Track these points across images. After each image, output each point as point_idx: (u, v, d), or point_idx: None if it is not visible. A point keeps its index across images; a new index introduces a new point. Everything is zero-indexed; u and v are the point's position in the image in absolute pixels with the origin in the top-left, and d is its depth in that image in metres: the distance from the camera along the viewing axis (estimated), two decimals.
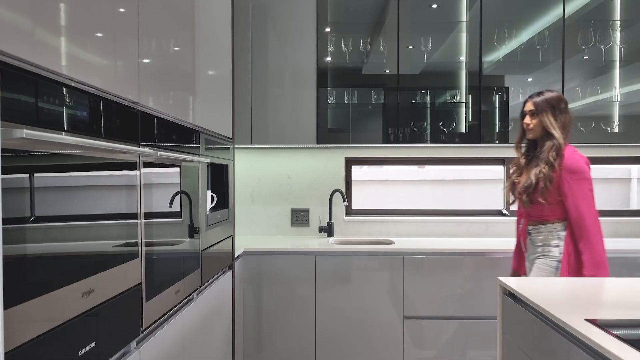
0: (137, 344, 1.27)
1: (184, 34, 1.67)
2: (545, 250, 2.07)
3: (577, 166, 2.03)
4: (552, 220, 2.07)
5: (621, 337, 1.11)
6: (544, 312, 1.37)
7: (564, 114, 2.11)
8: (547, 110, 2.09)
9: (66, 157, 0.92)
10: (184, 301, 1.67)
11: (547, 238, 2.07)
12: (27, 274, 0.80)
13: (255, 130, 2.91)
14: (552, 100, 2.11)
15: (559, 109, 2.10)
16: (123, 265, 1.16)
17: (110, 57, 1.11)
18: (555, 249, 2.05)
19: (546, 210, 2.06)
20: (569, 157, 2.04)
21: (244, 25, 2.89)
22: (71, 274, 0.93)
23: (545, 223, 2.08)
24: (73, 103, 0.95)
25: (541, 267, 2.07)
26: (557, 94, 2.15)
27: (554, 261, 2.05)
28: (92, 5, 1.03)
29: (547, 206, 2.05)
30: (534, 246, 2.12)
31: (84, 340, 0.97)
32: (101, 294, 1.04)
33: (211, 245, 2.00)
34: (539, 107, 2.11)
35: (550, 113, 2.09)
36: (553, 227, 2.07)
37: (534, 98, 2.14)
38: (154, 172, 1.35)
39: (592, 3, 2.91)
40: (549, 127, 2.08)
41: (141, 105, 1.26)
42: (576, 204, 2.01)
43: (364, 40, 2.99)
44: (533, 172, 2.06)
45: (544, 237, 2.09)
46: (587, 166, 2.07)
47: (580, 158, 2.06)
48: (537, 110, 2.11)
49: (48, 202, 0.89)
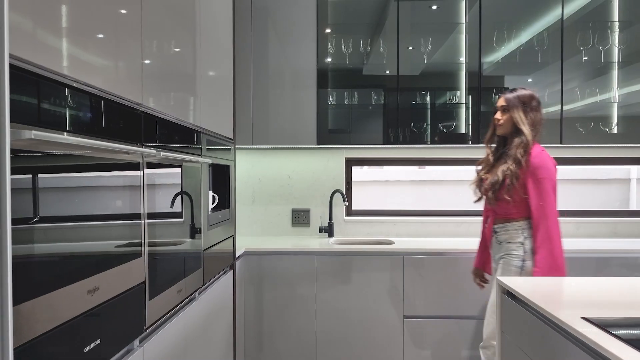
0: (140, 342, 1.29)
1: (185, 35, 1.68)
2: (510, 249, 2.07)
3: (543, 165, 2.02)
4: (517, 219, 2.07)
5: (617, 335, 1.12)
6: (542, 310, 1.39)
7: (534, 111, 2.10)
8: (518, 106, 2.09)
9: (70, 157, 0.94)
10: (185, 300, 1.68)
11: (512, 237, 2.07)
12: (35, 272, 0.82)
13: (256, 130, 2.93)
14: (524, 98, 2.11)
15: (530, 106, 2.10)
16: (127, 264, 1.17)
17: (114, 59, 1.13)
18: (520, 248, 2.05)
19: (512, 208, 2.06)
20: (536, 156, 2.03)
21: (245, 26, 2.91)
22: (77, 272, 0.95)
23: (511, 221, 2.08)
24: (78, 104, 0.96)
25: (505, 267, 2.06)
26: (530, 92, 2.14)
27: (518, 260, 2.05)
28: (96, 9, 1.04)
29: (512, 204, 2.05)
30: (499, 245, 2.12)
31: (90, 338, 0.99)
32: (106, 292, 1.06)
33: (213, 245, 2.01)
34: (510, 102, 2.11)
35: (521, 109, 2.09)
36: (519, 225, 2.07)
37: (506, 94, 2.15)
38: (156, 172, 1.37)
39: (590, 4, 2.93)
40: (519, 123, 2.07)
41: (144, 107, 1.28)
42: (539, 203, 2.00)
43: (364, 42, 3.01)
44: (500, 169, 2.06)
45: (508, 235, 2.08)
46: (553, 167, 2.06)
47: (547, 158, 2.05)
48: (508, 106, 2.11)
49: (53, 202, 0.90)
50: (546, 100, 2.93)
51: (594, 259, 2.66)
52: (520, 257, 2.05)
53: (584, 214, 3.22)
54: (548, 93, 2.93)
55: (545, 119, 2.18)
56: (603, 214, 3.22)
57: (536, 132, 2.10)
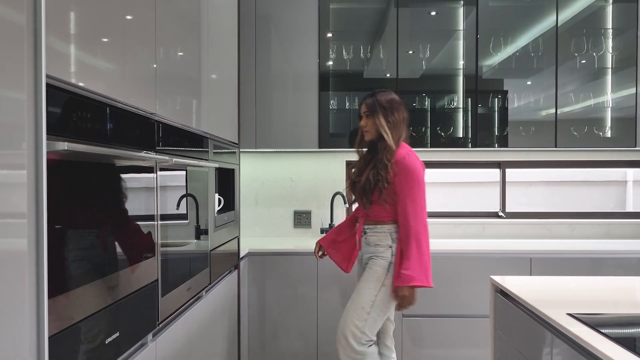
0: (153, 336, 1.37)
1: (193, 45, 1.77)
2: (378, 251, 2.08)
3: (411, 168, 2.02)
4: (386, 222, 2.08)
5: (599, 329, 1.21)
6: (530, 307, 1.48)
7: (396, 112, 2.09)
8: (378, 111, 2.08)
9: (93, 164, 1.03)
10: (194, 298, 1.77)
11: (381, 239, 2.09)
12: (66, 268, 0.91)
13: (259, 134, 3.02)
14: (383, 101, 2.09)
15: (390, 109, 2.08)
16: (142, 262, 1.26)
17: (132, 73, 1.22)
18: (388, 250, 2.07)
19: (382, 211, 2.08)
20: (403, 159, 2.03)
21: (249, 32, 2.99)
22: (100, 269, 1.04)
23: (381, 224, 2.09)
24: (102, 116, 1.05)
25: (373, 267, 2.08)
26: (389, 94, 2.13)
27: (385, 262, 2.06)
28: (120, 36, 1.13)
29: (382, 207, 2.06)
30: (368, 246, 2.13)
31: (110, 330, 1.08)
32: (124, 289, 1.15)
33: (219, 245, 2.10)
34: (371, 108, 2.10)
35: (382, 114, 2.07)
36: (388, 228, 2.08)
37: (367, 99, 2.13)
38: (167, 175, 1.46)
39: (584, 12, 3.01)
40: (380, 129, 2.06)
41: (158, 115, 1.37)
42: (406, 205, 2.01)
43: (365, 48, 3.10)
44: (371, 173, 2.05)
45: (377, 237, 2.10)
46: (422, 169, 2.07)
47: (415, 160, 2.05)
48: (369, 112, 2.10)
49: (80, 205, 0.99)
50: (541, 104, 3.02)
51: (588, 260, 2.74)
52: (388, 259, 2.06)
53: (578, 216, 3.30)
54: (543, 97, 3.01)
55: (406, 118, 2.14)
56: (597, 215, 3.30)
57: (401, 132, 2.09)
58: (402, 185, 2.02)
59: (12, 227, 0.76)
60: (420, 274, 1.98)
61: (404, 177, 2.01)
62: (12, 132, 0.75)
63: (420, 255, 2.00)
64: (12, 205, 0.76)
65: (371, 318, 2.04)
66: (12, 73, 0.75)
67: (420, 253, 2.00)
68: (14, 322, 0.76)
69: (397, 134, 2.08)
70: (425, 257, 2.01)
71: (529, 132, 3.02)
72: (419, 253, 2.00)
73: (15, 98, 0.76)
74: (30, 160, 0.79)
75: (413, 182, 2.02)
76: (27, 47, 0.78)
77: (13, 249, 0.76)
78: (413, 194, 2.02)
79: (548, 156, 3.27)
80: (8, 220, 0.75)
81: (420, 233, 2.01)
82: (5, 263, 0.74)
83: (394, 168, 2.02)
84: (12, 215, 0.76)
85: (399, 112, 2.10)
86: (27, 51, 0.78)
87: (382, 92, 2.13)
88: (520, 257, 2.74)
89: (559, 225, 3.26)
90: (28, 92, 0.78)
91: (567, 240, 3.11)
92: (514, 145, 3.01)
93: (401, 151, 2.06)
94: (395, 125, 2.08)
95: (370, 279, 2.07)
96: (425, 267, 2.01)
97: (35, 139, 0.80)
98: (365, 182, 2.07)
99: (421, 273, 1.99)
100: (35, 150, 0.80)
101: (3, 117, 0.74)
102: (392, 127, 2.07)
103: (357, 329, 2.04)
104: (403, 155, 2.04)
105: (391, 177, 2.02)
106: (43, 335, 0.82)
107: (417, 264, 1.99)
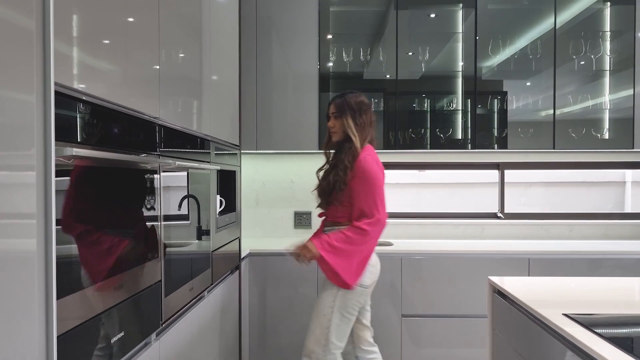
0: (156, 335, 1.40)
1: (195, 48, 1.80)
2: None
3: (366, 170, 2.02)
4: (342, 222, 2.08)
5: (594, 330, 1.23)
6: (527, 307, 1.50)
7: (364, 115, 2.11)
8: (347, 113, 2.09)
9: (99, 168, 1.05)
10: (196, 298, 1.80)
11: None
12: (73, 270, 0.93)
13: (260, 136, 3.05)
14: (352, 103, 2.10)
15: (359, 111, 2.10)
16: (146, 263, 1.29)
17: (138, 81, 1.25)
18: None
19: (338, 212, 2.09)
20: (361, 161, 2.03)
21: (250, 35, 3.01)
22: (106, 270, 1.07)
23: (338, 225, 2.09)
24: (108, 122, 1.08)
25: None
26: (358, 96, 2.15)
27: None
28: (124, 40, 1.16)
29: (339, 208, 2.07)
30: None
31: (115, 330, 1.11)
32: (129, 290, 1.17)
33: (220, 246, 2.13)
34: (339, 109, 2.11)
35: (350, 116, 2.09)
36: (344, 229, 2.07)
37: (336, 100, 2.14)
38: (169, 176, 1.48)
39: (582, 14, 3.04)
40: (348, 131, 2.08)
41: (161, 120, 1.40)
42: (361, 207, 2.01)
43: (364, 51, 3.12)
44: (332, 175, 2.07)
45: None
46: (379, 171, 2.07)
47: (372, 162, 2.05)
48: (337, 113, 2.12)
49: (86, 207, 1.02)
50: (540, 106, 3.04)
51: (586, 260, 2.76)
52: None
53: (576, 217, 3.32)
54: (542, 99, 3.04)
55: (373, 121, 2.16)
56: (594, 216, 3.33)
57: (367, 134, 2.11)
58: (357, 187, 2.02)
59: (21, 227, 0.79)
60: (329, 254, 1.98)
61: (360, 179, 2.02)
62: (22, 134, 0.78)
63: (345, 248, 1.99)
64: (22, 205, 0.79)
65: (334, 324, 2.02)
66: (21, 77, 0.78)
67: (347, 250, 1.99)
68: (23, 321, 0.79)
69: (363, 136, 2.10)
70: (348, 254, 1.99)
71: (528, 134, 3.04)
72: (345, 248, 1.99)
73: (25, 101, 0.79)
74: (39, 162, 0.81)
75: (368, 184, 2.01)
76: (36, 52, 0.81)
77: (22, 249, 0.79)
78: (366, 195, 2.01)
79: (546, 157, 3.30)
80: (18, 220, 0.78)
81: (363, 234, 1.99)
82: (15, 263, 0.77)
83: (353, 170, 2.03)
84: (22, 216, 0.79)
85: (366, 114, 2.12)
86: (36, 58, 0.81)
87: (351, 94, 2.15)
88: (519, 258, 2.77)
89: (557, 226, 3.29)
90: (37, 97, 0.81)
91: (565, 241, 3.14)
92: (513, 146, 3.04)
93: (363, 152, 2.07)
94: (363, 128, 2.10)
95: (328, 282, 2.07)
96: (341, 258, 1.98)
97: (44, 142, 0.82)
98: (327, 183, 2.09)
99: (331, 254, 1.98)
100: (44, 152, 0.82)
101: (13, 119, 0.76)
102: (359, 129, 2.09)
103: (322, 336, 2.03)
104: (360, 158, 2.04)
105: (349, 179, 2.03)
106: (52, 334, 0.85)
107: (335, 251, 1.98)
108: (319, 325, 2.04)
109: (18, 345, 0.77)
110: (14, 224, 0.77)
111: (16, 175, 0.77)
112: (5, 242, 0.75)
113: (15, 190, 0.77)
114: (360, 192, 2.01)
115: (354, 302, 2.06)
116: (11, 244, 0.76)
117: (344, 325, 2.06)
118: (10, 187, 0.76)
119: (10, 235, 0.77)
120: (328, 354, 2.03)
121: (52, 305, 0.84)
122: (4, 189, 0.75)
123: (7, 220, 0.75)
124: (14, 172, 0.77)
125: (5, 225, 0.75)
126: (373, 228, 2.01)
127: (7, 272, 0.75)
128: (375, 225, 2.01)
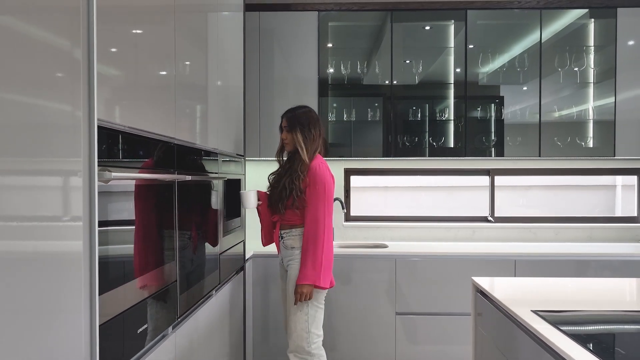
0: (173, 328, 1.59)
1: (200, 62, 1.99)
2: (294, 254, 2.28)
3: (319, 179, 2.23)
4: (298, 224, 2.29)
5: (558, 326, 1.36)
6: (501, 304, 1.68)
7: (313, 128, 2.30)
8: (297, 127, 2.29)
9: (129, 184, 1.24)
10: (206, 296, 1.99)
11: (296, 241, 2.29)
12: (112, 269, 1.12)
13: (262, 145, 3.22)
14: (301, 118, 2.30)
15: (307, 125, 2.29)
16: (164, 266, 1.48)
17: (160, 110, 1.44)
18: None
19: (294, 215, 2.29)
20: (314, 168, 2.24)
21: (253, 47, 3.18)
22: (133, 272, 1.26)
23: (295, 227, 2.30)
24: (137, 146, 1.27)
25: (294, 271, 2.26)
26: (307, 110, 2.34)
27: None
28: (151, 85, 1.35)
29: (295, 212, 2.28)
30: (285, 249, 2.33)
31: (140, 322, 1.30)
32: (151, 288, 1.36)
33: (227, 249, 2.32)
34: (290, 123, 2.31)
35: (299, 130, 2.28)
36: (300, 231, 2.28)
37: (287, 114, 2.35)
38: (183, 187, 1.67)
39: (567, 29, 3.22)
40: (297, 145, 2.28)
41: (177, 140, 1.59)
42: (310, 212, 2.22)
43: (361, 63, 3.30)
44: (287, 181, 2.26)
45: (292, 240, 2.30)
46: (330, 179, 2.28)
47: (325, 171, 2.26)
48: (289, 127, 2.31)
49: (120, 217, 1.21)
50: (527, 117, 3.22)
51: (571, 262, 2.93)
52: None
53: (563, 220, 3.49)
54: (529, 109, 3.21)
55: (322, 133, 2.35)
56: (581, 220, 3.50)
57: (316, 146, 2.31)
58: (310, 193, 2.23)
59: (70, 229, 0.97)
60: (313, 274, 2.18)
61: (313, 186, 2.23)
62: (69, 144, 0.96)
63: (314, 257, 2.20)
64: (70, 208, 0.97)
65: (310, 317, 2.25)
66: (68, 94, 0.97)
67: (315, 256, 2.20)
68: (72, 315, 0.97)
69: (313, 148, 2.30)
70: (319, 259, 2.20)
71: (516, 142, 3.22)
72: (314, 255, 2.20)
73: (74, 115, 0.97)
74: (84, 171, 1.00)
75: (319, 191, 2.23)
76: (82, 90, 0.99)
77: (70, 250, 0.97)
78: (317, 201, 2.22)
79: (534, 164, 3.47)
80: (66, 223, 0.96)
81: (318, 238, 2.21)
82: (65, 262, 0.96)
83: (306, 179, 2.24)
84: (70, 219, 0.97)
85: (315, 128, 2.32)
86: (82, 94, 0.99)
87: (301, 108, 2.36)
88: (505, 260, 2.94)
89: (544, 230, 3.46)
90: (83, 130, 1.00)
91: (550, 244, 3.31)
92: (502, 154, 3.22)
93: (314, 163, 2.27)
94: (313, 141, 2.30)
95: (294, 282, 2.26)
96: (319, 268, 2.19)
97: (89, 155, 1.01)
98: (282, 189, 2.28)
99: (314, 273, 2.19)
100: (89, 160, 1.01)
101: (64, 129, 0.95)
102: (308, 143, 2.28)
103: (303, 330, 2.24)
104: (315, 167, 2.25)
105: (304, 186, 2.24)
106: (95, 324, 1.03)
107: (311, 264, 2.19)
108: (298, 322, 2.25)
109: (69, 332, 0.96)
110: (63, 226, 0.96)
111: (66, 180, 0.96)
112: (56, 244, 0.94)
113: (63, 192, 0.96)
114: (312, 197, 2.23)
115: (323, 293, 2.29)
116: (61, 246, 0.95)
117: (319, 314, 2.29)
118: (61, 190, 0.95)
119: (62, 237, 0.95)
120: (312, 344, 2.25)
121: (95, 298, 1.03)
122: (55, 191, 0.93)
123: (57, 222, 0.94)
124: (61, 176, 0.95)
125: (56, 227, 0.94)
126: (325, 229, 2.22)
127: (59, 272, 0.93)
128: (327, 227, 2.23)
